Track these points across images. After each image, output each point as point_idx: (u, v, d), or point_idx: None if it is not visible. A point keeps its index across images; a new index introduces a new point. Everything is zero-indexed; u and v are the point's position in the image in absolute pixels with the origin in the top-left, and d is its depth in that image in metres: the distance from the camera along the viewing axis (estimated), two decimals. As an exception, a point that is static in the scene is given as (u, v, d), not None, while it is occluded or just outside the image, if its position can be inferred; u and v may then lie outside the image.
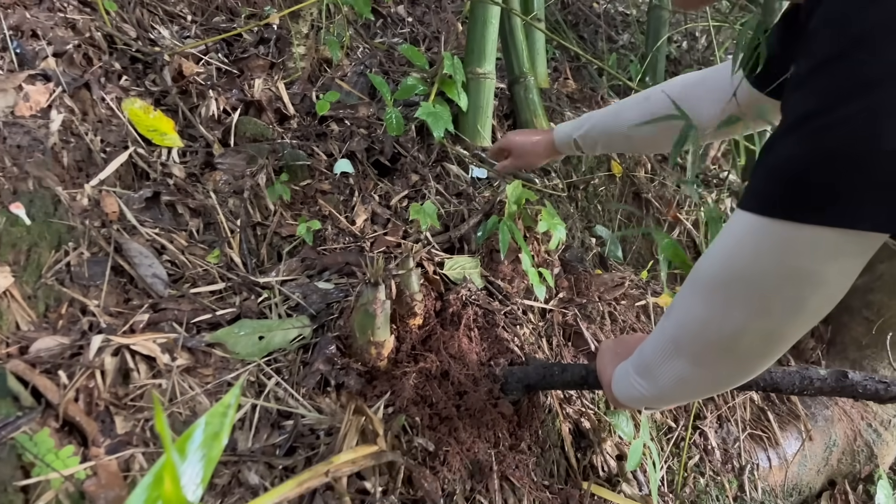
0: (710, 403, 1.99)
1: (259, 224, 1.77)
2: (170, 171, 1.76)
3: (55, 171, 1.56)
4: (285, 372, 1.39)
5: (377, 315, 1.44)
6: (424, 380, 1.47)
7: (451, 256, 1.84)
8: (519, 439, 1.52)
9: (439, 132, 2.23)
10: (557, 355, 1.83)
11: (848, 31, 0.62)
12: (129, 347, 1.25)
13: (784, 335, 0.77)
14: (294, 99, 2.29)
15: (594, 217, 2.52)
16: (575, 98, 3.01)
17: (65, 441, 1.11)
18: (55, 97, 1.72)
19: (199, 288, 1.50)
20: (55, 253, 1.39)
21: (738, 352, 0.80)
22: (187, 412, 1.26)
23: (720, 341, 0.80)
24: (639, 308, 2.12)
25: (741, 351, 0.80)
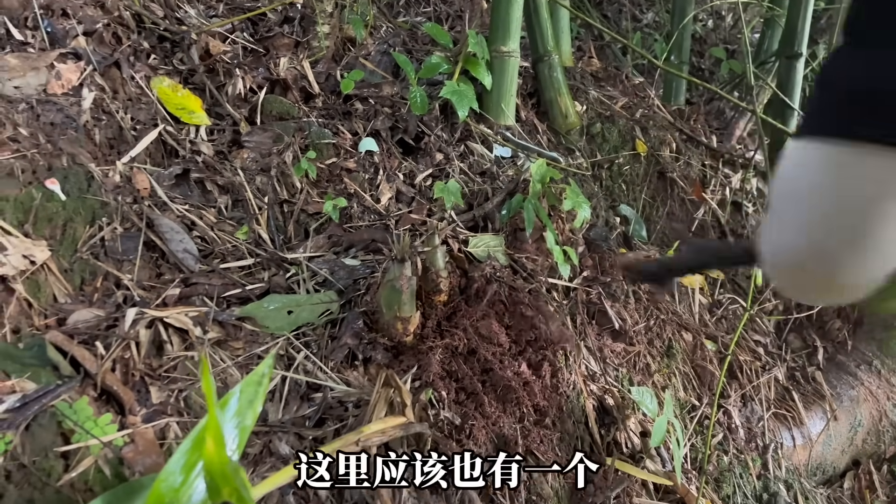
0: (735, 382, 1.99)
1: (286, 201, 1.79)
2: (198, 148, 1.78)
3: (88, 148, 1.58)
4: (314, 346, 1.41)
5: (403, 291, 1.46)
6: (450, 355, 1.48)
7: (476, 234, 1.85)
8: (543, 415, 1.54)
9: (464, 111, 2.23)
10: (582, 333, 1.83)
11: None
12: (162, 320, 1.28)
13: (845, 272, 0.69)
14: (319, 77, 2.30)
15: (619, 196, 2.51)
16: (599, 77, 2.99)
17: (103, 409, 1.14)
18: (86, 75, 1.74)
19: (229, 263, 1.52)
20: (89, 228, 1.42)
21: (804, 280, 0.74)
22: (219, 384, 1.28)
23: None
24: (663, 287, 2.12)
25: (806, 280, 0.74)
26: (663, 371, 1.90)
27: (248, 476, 1.17)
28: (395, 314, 1.47)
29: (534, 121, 2.57)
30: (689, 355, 1.98)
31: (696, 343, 2.00)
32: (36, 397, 1.06)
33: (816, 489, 1.98)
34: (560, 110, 2.60)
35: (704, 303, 2.18)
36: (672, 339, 1.96)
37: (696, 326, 2.04)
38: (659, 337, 1.95)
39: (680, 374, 1.93)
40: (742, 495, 1.76)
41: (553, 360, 1.61)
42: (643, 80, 3.23)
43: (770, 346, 2.18)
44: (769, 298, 2.27)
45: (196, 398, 1.24)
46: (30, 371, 1.10)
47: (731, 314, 2.20)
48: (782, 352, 2.18)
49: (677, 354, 1.95)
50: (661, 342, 1.95)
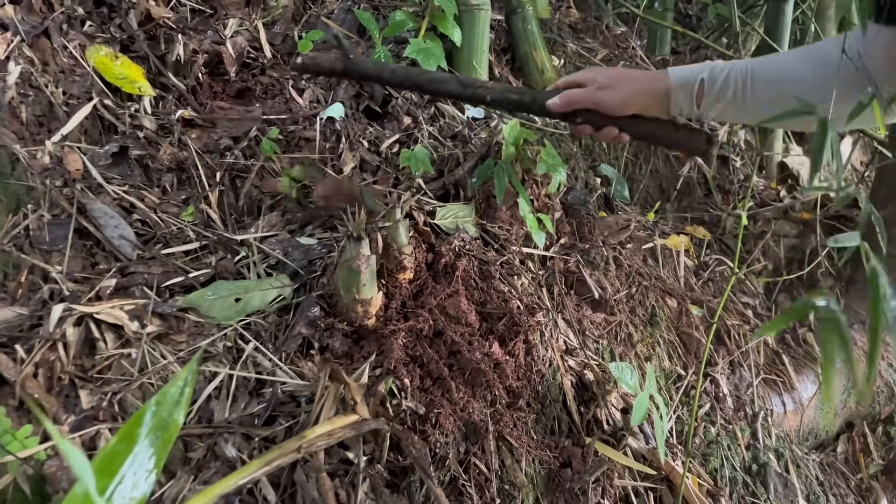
0: (722, 349, 1.90)
1: (238, 176, 1.67)
2: (140, 122, 1.65)
3: (13, 128, 1.45)
4: (265, 335, 1.30)
5: (362, 271, 1.35)
6: (415, 339, 1.38)
7: (444, 205, 1.73)
8: (517, 396, 1.45)
9: (432, 70, 2.09)
10: (559, 304, 1.73)
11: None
12: (92, 316, 1.17)
13: None
14: (274, 39, 2.15)
15: (599, 156, 2.39)
16: (578, 28, 2.83)
17: (24, 420, 1.04)
18: (13, 48, 1.60)
19: (172, 248, 1.41)
20: (13, 217, 1.30)
21: None
22: (159, 382, 1.18)
23: None
24: (646, 251, 2.01)
25: None
26: (646, 341, 1.80)
27: (190, 483, 1.08)
28: (353, 297, 1.37)
29: (508, 78, 2.43)
30: (674, 322, 1.89)
31: (682, 309, 1.91)
32: (-58, 413, 0.95)
33: (808, 455, 1.92)
34: (536, 65, 2.45)
35: (690, 265, 2.08)
36: (655, 306, 1.87)
37: (681, 291, 1.94)
38: (641, 305, 1.85)
39: (664, 342, 1.84)
40: (730, 468, 1.68)
41: (527, 337, 1.51)
42: (625, 29, 3.07)
43: (759, 308, 2.09)
44: (758, 259, 2.17)
45: (133, 400, 1.14)
46: (-63, 383, 1.00)
47: (719, 276, 2.10)
48: (772, 314, 2.09)
49: (661, 322, 1.85)
50: (644, 310, 1.85)
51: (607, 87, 1.20)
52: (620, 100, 1.19)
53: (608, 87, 1.20)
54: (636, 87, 1.20)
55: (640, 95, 1.19)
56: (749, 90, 1.15)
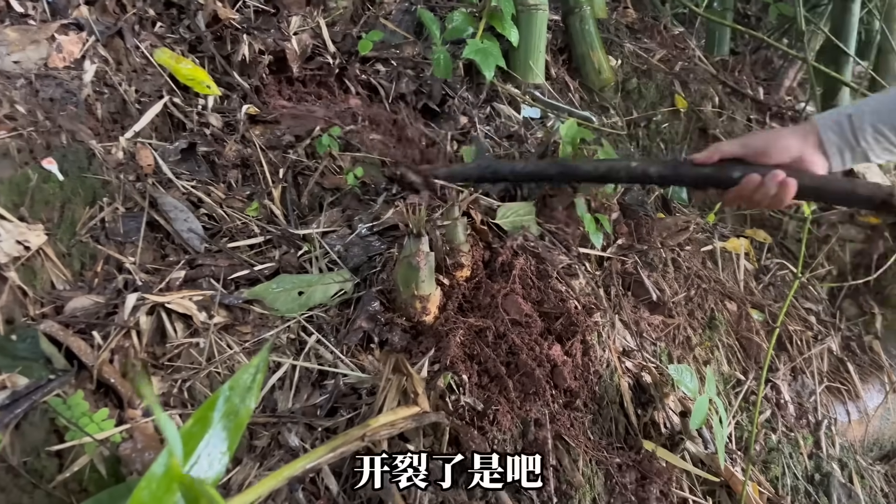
0: (784, 354, 1.86)
1: (301, 173, 1.70)
2: (207, 120, 1.70)
3: (89, 124, 1.51)
4: (326, 328, 1.33)
5: (421, 268, 1.36)
6: (473, 336, 1.39)
7: (504, 204, 1.73)
8: (574, 396, 1.44)
9: (489, 71, 2.10)
10: (616, 305, 1.72)
11: None
12: (164, 306, 1.21)
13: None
14: (335, 37, 2.18)
15: (656, 156, 2.36)
16: (635, 28, 2.80)
17: (100, 403, 1.08)
18: (88, 47, 1.66)
19: (238, 242, 1.45)
20: (89, 209, 1.35)
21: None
22: (226, 372, 1.22)
23: None
24: (705, 254, 1.98)
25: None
26: (705, 344, 1.77)
27: (256, 470, 1.11)
28: (412, 292, 1.38)
29: (565, 78, 2.42)
30: (734, 326, 1.85)
31: (741, 313, 1.87)
32: (26, 394, 1.00)
33: (873, 466, 1.85)
34: (593, 66, 2.44)
35: (750, 269, 2.04)
36: (714, 309, 1.83)
37: (741, 295, 1.90)
38: (700, 307, 1.82)
39: (723, 346, 1.80)
40: (792, 476, 1.64)
41: (585, 338, 1.50)
42: (683, 29, 3.03)
43: (823, 314, 2.03)
44: (822, 263, 2.11)
45: (201, 388, 1.18)
46: (21, 365, 1.05)
47: (780, 280, 2.05)
48: (836, 320, 2.03)
49: (720, 326, 1.82)
50: (703, 313, 1.82)
51: (752, 134, 1.15)
52: (764, 140, 1.12)
53: (753, 134, 1.16)
54: (779, 130, 1.14)
55: (786, 135, 1.12)
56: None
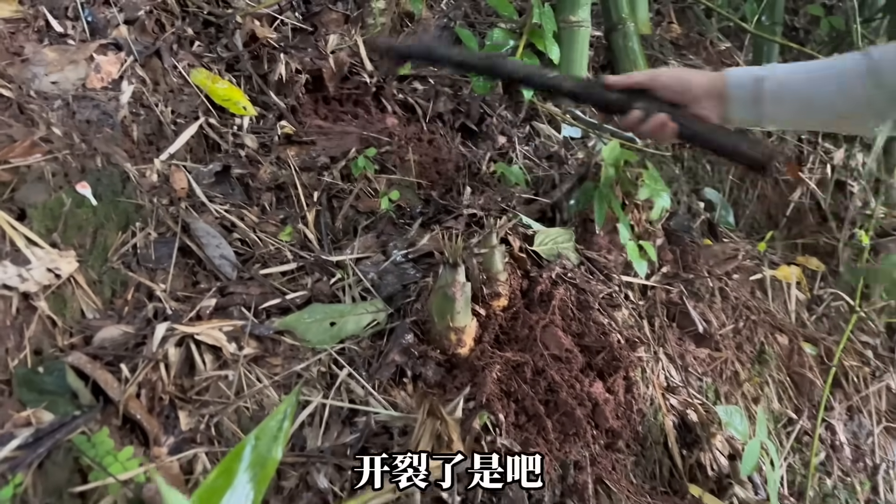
0: (839, 392, 1.76)
1: (336, 196, 1.67)
2: (242, 141, 1.67)
3: (125, 146, 1.50)
4: (358, 361, 1.28)
5: (456, 299, 1.31)
6: (510, 371, 1.33)
7: (543, 229, 1.67)
8: (616, 437, 1.37)
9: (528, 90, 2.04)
10: (661, 338, 1.64)
11: None
12: (193, 337, 1.18)
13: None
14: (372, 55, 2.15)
15: (702, 178, 2.27)
16: (680, 44, 2.72)
17: (126, 440, 1.05)
18: (126, 67, 1.66)
19: (270, 269, 1.42)
20: (122, 234, 1.33)
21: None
22: (254, 406, 1.18)
23: None
24: (754, 283, 1.89)
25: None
26: (754, 380, 1.68)
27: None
28: (447, 324, 1.33)
29: (607, 96, 2.34)
30: (785, 361, 1.75)
31: (793, 347, 1.77)
32: (50, 431, 0.97)
33: (935, 513, 1.74)
34: (637, 84, 2.36)
35: (802, 299, 1.94)
36: (765, 342, 1.74)
37: (793, 328, 1.81)
38: (749, 341, 1.73)
39: (774, 382, 1.71)
40: (848, 525, 1.54)
41: (628, 374, 1.43)
42: (730, 45, 2.93)
43: (881, 348, 1.92)
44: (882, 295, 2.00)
45: (228, 424, 1.14)
46: (48, 400, 1.02)
47: (834, 312, 1.95)
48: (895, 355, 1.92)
49: (771, 360, 1.73)
50: (752, 346, 1.74)
51: (664, 71, 1.15)
52: (678, 80, 1.11)
53: (665, 71, 1.15)
54: (696, 76, 1.12)
55: (699, 85, 1.11)
56: (809, 101, 1.07)
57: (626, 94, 1.15)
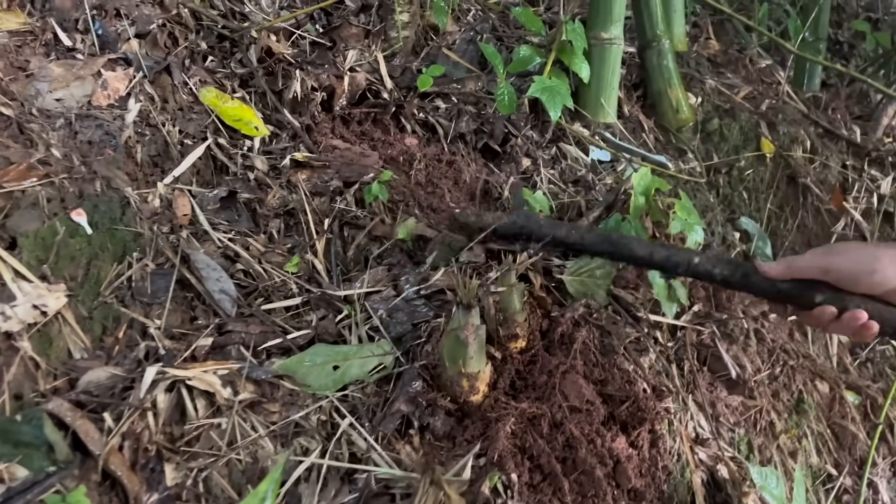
0: (883, 446, 1.62)
1: (348, 223, 1.58)
2: (251, 163, 1.60)
3: (127, 169, 1.43)
4: (361, 409, 1.20)
5: (469, 343, 1.22)
6: (525, 425, 1.23)
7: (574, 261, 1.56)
8: (639, 498, 1.26)
9: (556, 111, 1.94)
10: (690, 383, 1.53)
11: None
12: (185, 382, 1.10)
13: None
14: (394, 72, 2.07)
15: (738, 207, 2.15)
16: (718, 62, 2.59)
17: (105, 499, 0.97)
18: (134, 84, 1.59)
19: (273, 304, 1.34)
20: (117, 266, 1.26)
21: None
22: (248, 459, 1.10)
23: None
24: (792, 324, 1.76)
25: None
26: (792, 432, 1.56)
27: (272, 583, 0.98)
28: (459, 370, 1.24)
29: (639, 117, 2.24)
30: (825, 411, 1.63)
31: (834, 395, 1.65)
32: (22, 490, 0.90)
33: None
34: (670, 104, 2.25)
35: (845, 342, 1.81)
36: (803, 390, 1.62)
37: (834, 374, 1.68)
38: (786, 388, 1.61)
39: (813, 434, 1.59)
40: None
41: (653, 427, 1.32)
42: (771, 62, 2.79)
43: (929, 397, 1.78)
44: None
45: (218, 479, 1.06)
46: (22, 453, 0.95)
47: (879, 357, 1.82)
48: (945, 406, 1.78)
49: (809, 410, 1.60)
50: (790, 394, 1.61)
51: (838, 252, 0.96)
52: (852, 266, 0.92)
53: (840, 252, 0.96)
54: (873, 252, 0.93)
55: (882, 261, 0.91)
56: None
57: (800, 283, 0.99)
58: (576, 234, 1.21)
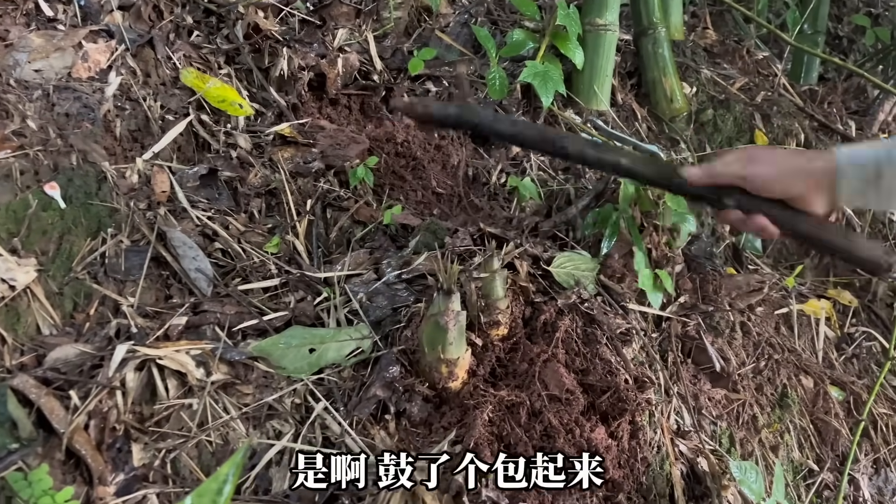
0: (866, 443, 1.61)
1: (331, 205, 1.56)
2: (234, 141, 1.57)
3: (105, 143, 1.40)
4: (337, 394, 1.18)
5: (449, 329, 1.20)
6: (503, 413, 1.21)
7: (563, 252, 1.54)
8: (616, 489, 1.25)
9: (548, 97, 1.91)
10: (673, 375, 1.51)
11: None
12: (156, 361, 1.08)
13: None
14: (384, 53, 2.03)
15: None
16: (714, 52, 2.56)
17: (68, 478, 0.95)
18: (116, 56, 1.56)
19: (251, 284, 1.31)
20: (90, 241, 1.23)
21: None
22: (218, 441, 1.08)
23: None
24: (779, 317, 1.75)
25: None
26: (774, 426, 1.55)
27: (238, 567, 0.96)
28: (438, 355, 1.22)
29: (632, 105, 2.21)
30: (808, 406, 1.62)
31: (818, 390, 1.63)
32: (-19, 468, 0.88)
33: (964, 581, 1.59)
34: (664, 93, 2.22)
35: (831, 337, 1.79)
36: (787, 384, 1.60)
37: (819, 369, 1.67)
38: (770, 382, 1.60)
39: (795, 429, 1.58)
40: (868, 593, 1.41)
41: (634, 418, 1.30)
42: (768, 54, 2.76)
43: (914, 395, 1.77)
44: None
45: (187, 461, 1.04)
46: (-16, 430, 0.93)
47: (865, 353, 1.80)
48: (930, 404, 1.77)
49: (793, 405, 1.59)
50: (773, 388, 1.60)
51: (756, 161, 0.98)
52: (770, 173, 0.96)
53: (757, 160, 0.98)
54: (791, 162, 0.97)
55: (796, 172, 0.95)
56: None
57: (715, 188, 1.01)
58: (514, 128, 1.20)
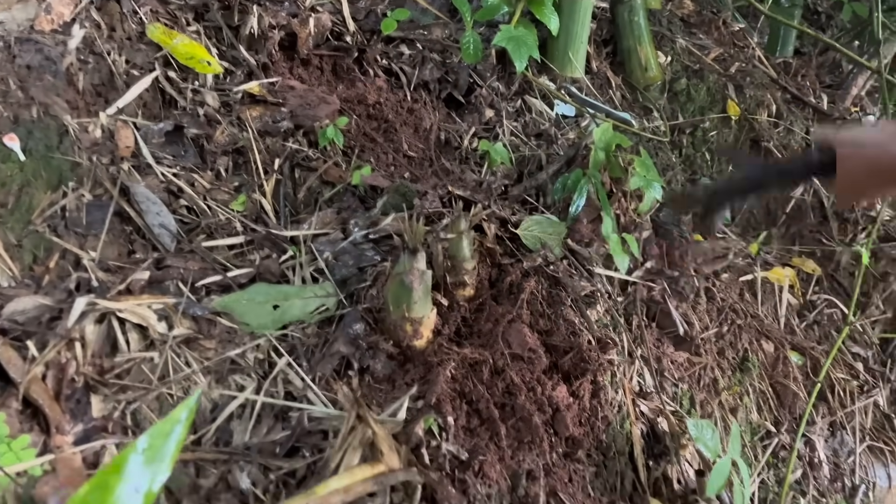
0: (823, 406, 1.66)
1: (299, 165, 1.55)
2: (202, 99, 1.55)
3: (67, 97, 1.37)
4: (300, 350, 1.18)
5: (414, 288, 1.20)
6: (466, 370, 1.23)
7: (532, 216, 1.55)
8: (576, 445, 1.27)
9: (522, 62, 1.91)
10: (637, 338, 1.54)
11: None
12: (116, 314, 1.08)
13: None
14: (357, 13, 2.01)
15: (700, 167, 2.14)
16: (691, 22, 2.56)
17: (25, 427, 0.95)
18: (80, 9, 1.52)
19: (215, 241, 1.31)
20: (51, 194, 1.22)
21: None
22: (179, 394, 1.08)
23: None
24: (744, 283, 1.78)
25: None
26: (734, 389, 1.58)
27: (197, 515, 0.97)
28: (403, 314, 1.22)
29: (607, 73, 2.21)
30: (768, 370, 1.65)
31: (779, 355, 1.67)
32: (-65, 415, 0.87)
33: (913, 539, 1.65)
34: (639, 62, 2.22)
35: (794, 304, 1.83)
36: (748, 349, 1.64)
37: (780, 334, 1.70)
38: (732, 346, 1.63)
39: (754, 392, 1.61)
40: (819, 549, 1.46)
41: (596, 378, 1.33)
42: (745, 25, 2.76)
43: (871, 361, 1.81)
44: (877, 305, 1.88)
45: (147, 412, 1.04)
46: (-62, 378, 0.92)
47: (826, 320, 1.84)
48: (886, 370, 1.81)
49: (753, 369, 1.63)
50: (735, 353, 1.63)
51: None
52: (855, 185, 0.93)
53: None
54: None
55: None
56: None
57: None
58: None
